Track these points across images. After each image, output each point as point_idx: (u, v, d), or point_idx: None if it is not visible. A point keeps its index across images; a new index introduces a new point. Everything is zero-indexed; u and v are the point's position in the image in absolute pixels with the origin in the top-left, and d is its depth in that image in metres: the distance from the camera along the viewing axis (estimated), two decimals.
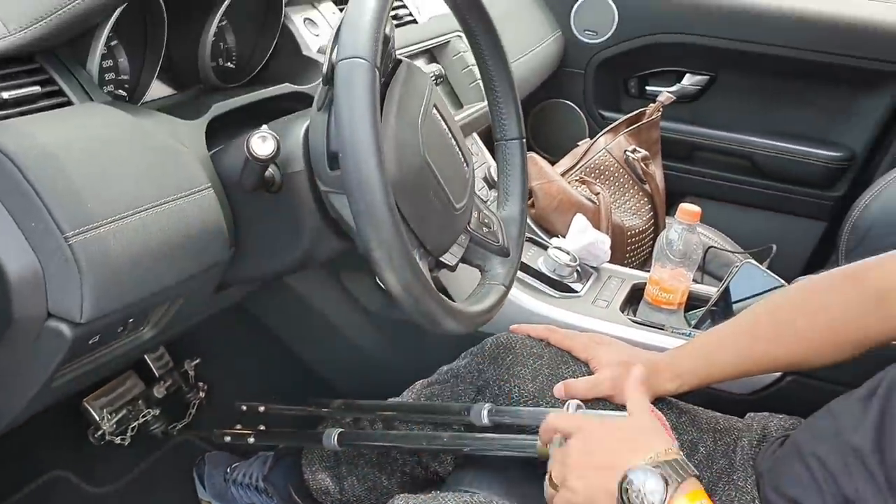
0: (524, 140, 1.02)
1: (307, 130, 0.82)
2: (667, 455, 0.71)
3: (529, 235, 1.40)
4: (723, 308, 1.26)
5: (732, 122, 1.94)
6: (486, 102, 1.02)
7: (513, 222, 1.02)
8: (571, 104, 2.04)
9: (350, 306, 1.26)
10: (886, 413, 0.75)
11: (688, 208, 1.24)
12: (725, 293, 1.26)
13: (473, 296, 0.94)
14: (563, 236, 1.38)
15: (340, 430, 1.07)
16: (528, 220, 1.46)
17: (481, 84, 1.25)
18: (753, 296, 1.28)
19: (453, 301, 0.83)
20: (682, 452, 0.72)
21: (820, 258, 1.94)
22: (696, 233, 1.25)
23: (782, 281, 1.28)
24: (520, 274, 1.29)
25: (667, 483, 0.68)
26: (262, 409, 1.23)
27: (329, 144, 0.78)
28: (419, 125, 0.83)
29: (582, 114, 2.03)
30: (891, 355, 0.84)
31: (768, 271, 1.29)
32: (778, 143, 1.90)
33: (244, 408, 1.24)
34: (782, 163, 1.90)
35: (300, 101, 0.99)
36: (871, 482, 0.73)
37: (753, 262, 1.30)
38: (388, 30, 0.80)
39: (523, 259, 1.33)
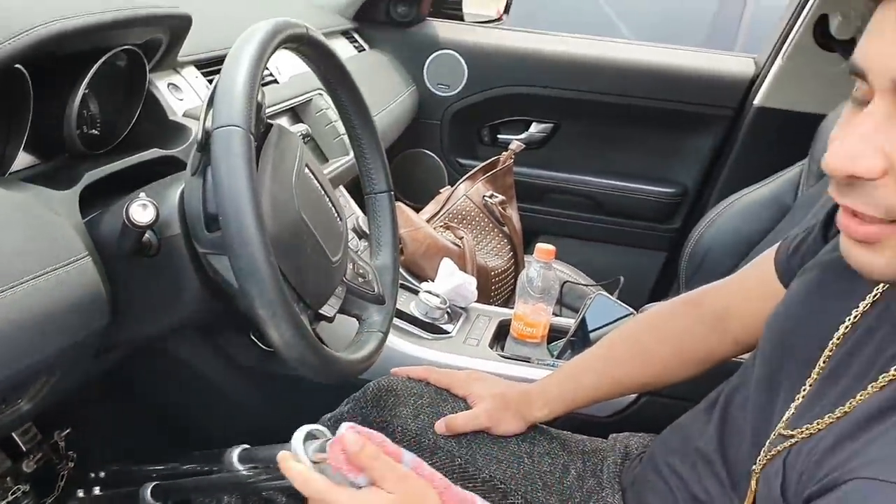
0: (392, 192, 1.08)
1: (182, 194, 0.84)
2: None
3: (401, 281, 1.45)
4: (581, 337, 1.36)
5: (577, 164, 2.10)
6: (350, 156, 1.08)
7: (386, 271, 1.07)
8: (430, 153, 2.13)
9: (226, 363, 1.27)
10: (725, 420, 0.86)
11: (543, 248, 1.34)
12: (582, 324, 1.36)
13: (353, 344, 0.98)
14: (433, 280, 1.45)
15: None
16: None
17: (345, 139, 1.31)
18: (607, 324, 1.39)
19: (333, 350, 0.86)
20: None
21: (664, 285, 2.12)
22: (553, 269, 1.36)
23: (631, 309, 1.40)
24: (394, 319, 1.35)
25: None
26: (134, 468, 1.20)
27: (206, 208, 0.80)
28: (293, 184, 0.87)
29: (441, 162, 2.13)
30: (728, 370, 0.96)
31: (618, 301, 1.41)
32: (619, 183, 2.08)
33: (115, 469, 1.21)
34: (623, 200, 2.08)
35: (169, 165, 1.00)
36: (717, 482, 0.82)
37: (605, 293, 1.42)
38: (259, 97, 0.84)
39: (396, 305, 1.39)
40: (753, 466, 0.75)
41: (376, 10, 2.02)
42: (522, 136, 2.10)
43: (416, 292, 1.42)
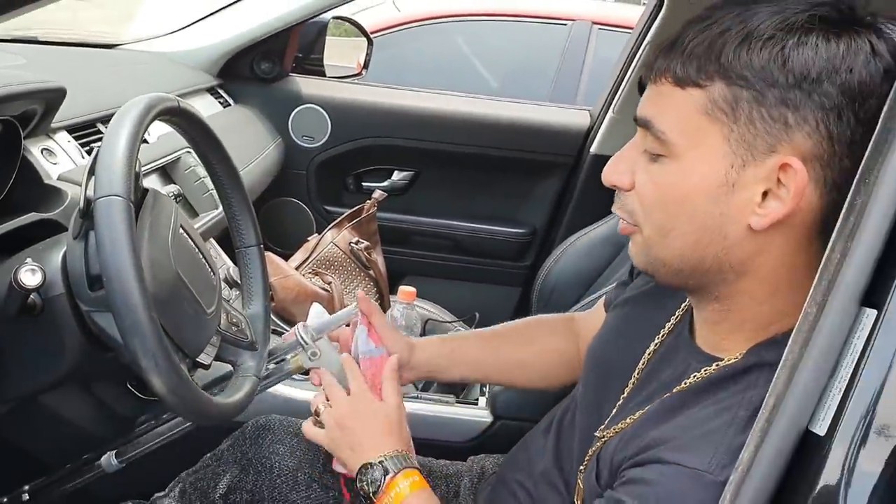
0: (262, 245, 1.17)
1: (64, 256, 0.91)
2: (395, 453, 0.94)
3: (273, 327, 1.53)
4: None
5: (437, 209, 2.25)
6: (219, 210, 1.15)
7: (258, 319, 1.15)
8: (298, 201, 2.22)
9: (104, 413, 1.30)
10: (559, 438, 1.00)
11: (405, 290, 1.47)
12: None
13: (230, 388, 1.06)
14: None
15: None
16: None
17: (214, 194, 1.38)
18: None
19: (210, 395, 0.94)
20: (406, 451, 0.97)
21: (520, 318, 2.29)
22: (415, 309, 1.49)
23: None
24: (267, 363, 1.42)
25: (386, 472, 0.92)
26: None
27: (89, 269, 0.87)
28: (169, 245, 0.95)
29: (308, 210, 2.22)
30: (560, 395, 1.11)
31: None
32: (476, 225, 2.24)
33: None
34: (481, 241, 2.24)
35: (47, 227, 1.05)
36: (556, 492, 0.96)
37: (462, 327, 1.56)
38: (137, 167, 0.92)
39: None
40: (580, 469, 0.90)
41: (240, 67, 2.09)
42: (385, 183, 2.23)
43: None
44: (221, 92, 2.06)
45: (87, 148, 1.30)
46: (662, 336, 0.89)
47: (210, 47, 2.05)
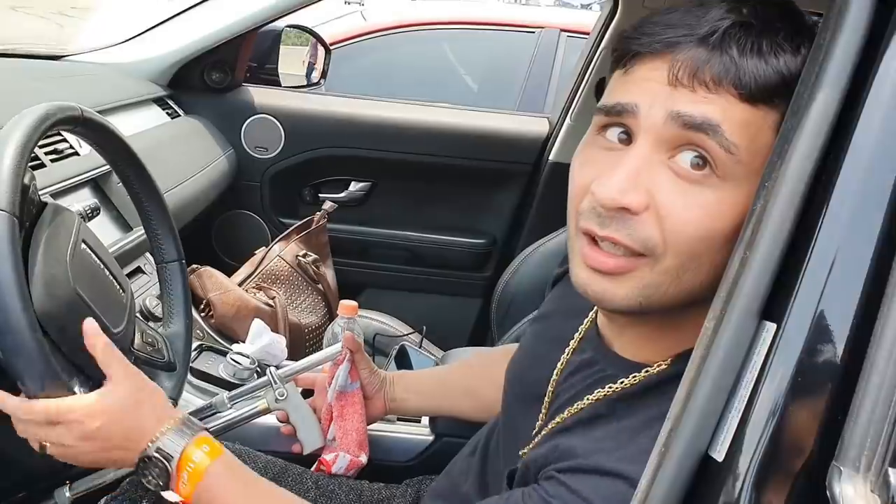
0: (183, 261, 1.12)
1: None
2: (171, 422, 0.83)
3: (209, 344, 1.49)
4: None
5: (396, 220, 2.21)
6: None
7: (178, 338, 1.11)
8: (252, 213, 2.17)
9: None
10: (485, 462, 0.96)
11: (346, 304, 1.41)
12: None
13: None
14: (244, 341, 1.49)
15: None
16: (209, 329, 1.55)
17: None
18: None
19: None
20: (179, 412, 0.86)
21: (481, 330, 2.25)
22: (356, 323, 1.43)
23: (434, 356, 1.50)
24: (201, 383, 1.38)
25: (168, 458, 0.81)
26: None
27: None
28: (67, 262, 0.90)
29: (263, 222, 2.17)
30: None
31: (422, 349, 1.51)
32: (435, 235, 2.20)
33: None
34: (440, 251, 2.20)
35: None
36: None
37: (408, 342, 1.51)
38: (27, 179, 0.87)
39: (204, 368, 1.42)
40: (505, 488, 0.85)
41: (191, 77, 2.04)
42: (342, 194, 2.19)
43: (226, 354, 1.45)
44: (171, 102, 2.02)
45: None
46: (572, 347, 0.85)
47: (159, 57, 2.00)
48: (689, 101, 0.63)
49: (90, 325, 0.85)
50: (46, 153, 1.35)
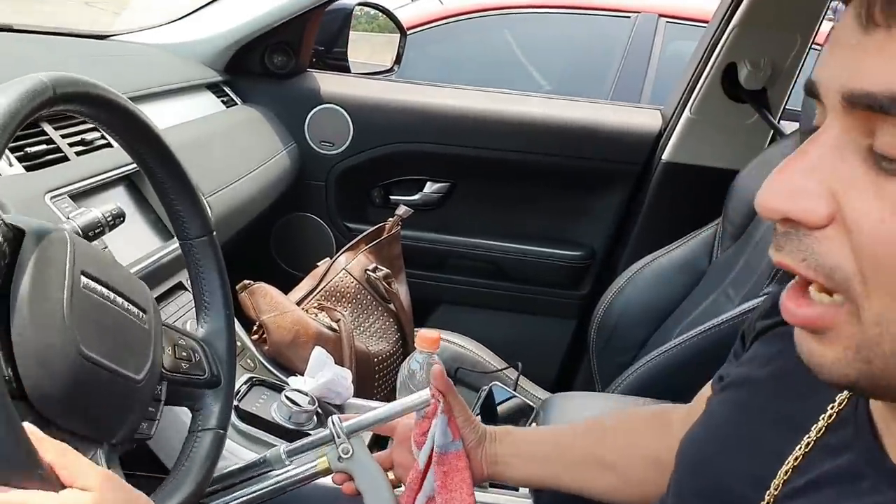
0: (213, 234, 0.86)
1: None
2: None
3: (261, 378, 1.24)
4: None
5: (476, 227, 1.94)
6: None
7: (218, 337, 0.87)
8: (315, 217, 1.93)
9: None
10: None
11: (426, 335, 1.14)
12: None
13: (183, 454, 0.81)
14: (303, 373, 1.24)
15: None
16: (261, 358, 1.30)
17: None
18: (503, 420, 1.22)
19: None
20: None
21: (575, 357, 1.96)
22: (438, 360, 1.16)
23: (530, 402, 1.22)
24: (249, 428, 1.13)
25: None
26: None
27: None
28: (65, 315, 0.64)
29: (327, 227, 1.93)
30: None
31: (516, 392, 1.24)
32: (522, 246, 1.93)
33: None
34: (526, 265, 1.93)
35: None
36: None
37: (499, 383, 1.24)
38: None
39: (253, 410, 1.17)
40: None
41: (250, 61, 1.82)
42: (416, 196, 1.93)
43: (280, 390, 1.20)
44: (227, 89, 1.79)
45: (22, 153, 1.02)
46: (814, 438, 0.55)
47: (214, 38, 1.78)
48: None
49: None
50: (71, 144, 1.13)
